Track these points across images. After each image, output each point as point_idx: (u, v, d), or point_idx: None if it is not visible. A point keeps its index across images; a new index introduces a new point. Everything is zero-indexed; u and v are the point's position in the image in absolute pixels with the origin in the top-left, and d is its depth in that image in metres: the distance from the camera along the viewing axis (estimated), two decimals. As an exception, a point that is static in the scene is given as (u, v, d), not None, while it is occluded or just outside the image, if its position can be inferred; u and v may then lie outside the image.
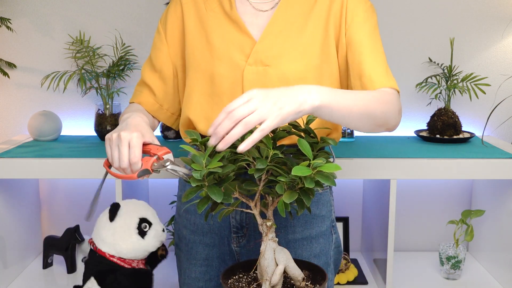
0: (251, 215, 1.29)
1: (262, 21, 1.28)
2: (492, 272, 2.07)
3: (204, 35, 1.29)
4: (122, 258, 1.37)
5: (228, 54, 1.25)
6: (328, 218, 1.35)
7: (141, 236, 1.37)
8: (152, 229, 1.39)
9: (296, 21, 1.26)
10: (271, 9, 1.28)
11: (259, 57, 1.24)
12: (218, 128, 0.99)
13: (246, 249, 1.32)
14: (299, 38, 1.25)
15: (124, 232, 1.36)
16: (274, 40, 1.25)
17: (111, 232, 1.37)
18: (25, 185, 2.09)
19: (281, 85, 1.22)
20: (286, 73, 1.23)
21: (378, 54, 1.25)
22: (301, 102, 1.01)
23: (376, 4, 2.18)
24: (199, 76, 1.28)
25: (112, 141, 1.09)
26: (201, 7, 1.31)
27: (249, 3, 1.29)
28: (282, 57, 1.24)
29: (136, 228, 1.37)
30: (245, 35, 1.26)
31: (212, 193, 1.01)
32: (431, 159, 1.83)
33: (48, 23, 2.17)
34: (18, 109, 2.23)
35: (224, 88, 1.26)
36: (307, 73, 1.24)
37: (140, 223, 1.38)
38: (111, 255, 1.37)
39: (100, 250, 1.38)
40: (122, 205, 1.40)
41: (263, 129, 0.98)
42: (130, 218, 1.38)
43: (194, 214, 1.35)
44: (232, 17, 1.27)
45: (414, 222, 2.30)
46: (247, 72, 1.24)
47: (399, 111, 1.20)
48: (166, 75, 1.35)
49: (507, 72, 2.23)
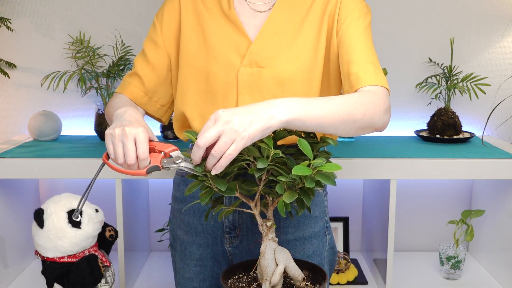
0: (244, 215, 1.29)
1: (259, 21, 1.28)
2: (492, 272, 2.07)
3: (201, 32, 1.29)
4: (71, 255, 1.37)
5: (224, 54, 1.26)
6: (321, 219, 1.35)
7: (77, 227, 1.36)
8: (84, 215, 1.38)
9: (291, 23, 1.27)
10: (268, 10, 1.29)
11: (254, 58, 1.24)
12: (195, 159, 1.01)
13: (239, 250, 1.32)
14: (294, 40, 1.26)
15: (58, 231, 1.35)
16: (269, 41, 1.25)
17: (47, 237, 1.36)
18: (25, 185, 2.09)
19: (275, 86, 1.24)
20: (280, 75, 1.23)
21: (367, 52, 1.23)
22: (267, 119, 1.01)
23: (376, 4, 2.18)
24: (194, 72, 1.28)
25: (115, 136, 1.04)
26: (199, 4, 1.31)
27: (246, 3, 1.30)
28: (277, 58, 1.24)
29: (68, 223, 1.36)
30: (241, 35, 1.26)
31: (216, 183, 1.01)
32: (431, 159, 1.83)
33: (48, 23, 2.17)
34: (18, 109, 2.22)
35: (218, 88, 1.26)
36: (300, 74, 1.24)
37: (70, 216, 1.36)
38: (59, 257, 1.37)
39: (48, 257, 1.37)
40: (45, 207, 1.38)
41: (230, 154, 0.98)
42: (57, 216, 1.37)
43: (188, 215, 1.35)
44: (229, 17, 1.28)
45: (414, 222, 2.30)
46: (242, 73, 1.24)
47: (385, 110, 1.16)
48: (159, 68, 1.34)
49: (507, 72, 2.23)
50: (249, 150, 1.04)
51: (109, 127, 1.08)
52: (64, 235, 1.35)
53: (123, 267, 1.86)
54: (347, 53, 1.23)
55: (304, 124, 1.05)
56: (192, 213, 1.34)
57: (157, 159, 1.03)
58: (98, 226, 1.40)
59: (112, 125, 1.09)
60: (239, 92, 1.24)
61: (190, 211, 1.34)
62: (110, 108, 1.27)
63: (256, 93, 1.24)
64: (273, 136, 1.11)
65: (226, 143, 0.98)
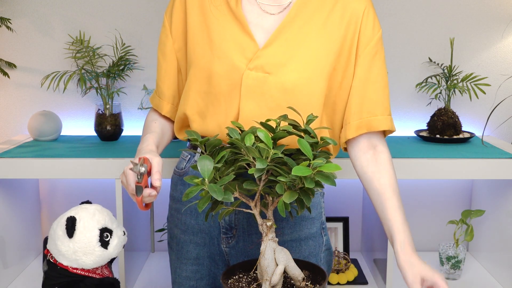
0: (240, 216, 1.29)
1: (267, 24, 1.25)
2: (492, 272, 2.07)
3: (206, 31, 1.27)
4: (86, 269, 1.34)
5: (228, 54, 1.23)
6: (318, 220, 1.34)
7: (104, 247, 1.32)
8: (114, 236, 1.34)
9: (305, 32, 1.24)
10: (278, 13, 1.26)
11: (261, 63, 1.22)
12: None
13: (235, 250, 1.32)
14: (305, 50, 1.23)
15: (87, 248, 1.30)
16: (279, 48, 1.23)
17: (72, 249, 1.31)
18: (25, 185, 2.09)
19: (278, 94, 1.22)
20: (285, 83, 1.21)
21: (383, 91, 1.29)
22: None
23: (376, 4, 2.18)
24: (197, 72, 1.26)
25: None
26: (205, 1, 1.28)
27: (256, 3, 1.27)
28: (284, 66, 1.22)
29: (98, 242, 1.31)
30: (247, 36, 1.24)
31: (212, 191, 1.01)
32: (431, 159, 1.83)
33: (48, 23, 2.17)
34: (18, 109, 2.23)
35: (221, 89, 1.24)
36: (305, 85, 1.22)
37: (101, 233, 1.32)
38: (74, 267, 1.34)
39: (61, 263, 1.33)
40: (78, 217, 1.32)
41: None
42: (90, 232, 1.31)
43: (185, 214, 1.34)
44: (236, 15, 1.25)
45: (414, 222, 2.30)
46: (247, 76, 1.22)
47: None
48: (170, 69, 1.34)
49: (507, 72, 2.23)
50: (249, 150, 1.04)
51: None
52: (91, 253, 1.31)
53: (123, 267, 1.86)
54: (361, 89, 1.27)
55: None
56: (189, 212, 1.33)
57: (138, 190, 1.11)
58: (121, 249, 1.38)
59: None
60: (242, 96, 1.22)
61: (187, 211, 1.34)
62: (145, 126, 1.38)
63: (259, 99, 1.22)
64: (273, 136, 1.11)
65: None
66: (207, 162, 1.03)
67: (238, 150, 1.07)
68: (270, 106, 1.22)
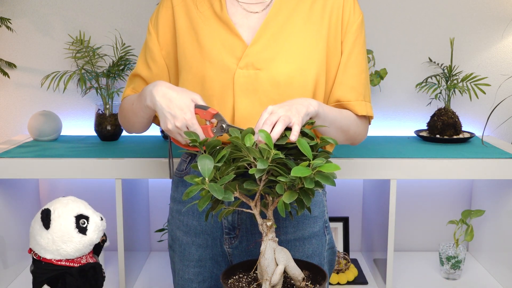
0: (243, 216, 1.29)
1: (252, 22, 1.28)
2: (492, 272, 2.07)
3: (194, 36, 1.29)
4: (70, 259, 1.36)
5: (219, 57, 1.26)
6: (320, 218, 1.35)
7: (82, 233, 1.36)
8: (91, 222, 1.37)
9: (289, 25, 1.27)
10: (262, 11, 1.29)
11: (251, 60, 1.24)
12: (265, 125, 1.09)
13: (238, 250, 1.32)
14: (292, 42, 1.26)
15: (64, 235, 1.34)
16: (266, 43, 1.25)
17: (51, 239, 1.34)
18: (25, 185, 2.09)
19: (271, 88, 1.24)
20: (276, 77, 1.24)
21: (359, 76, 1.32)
22: (307, 106, 1.16)
23: (376, 4, 2.18)
24: (190, 77, 1.29)
25: (173, 132, 1.18)
26: (191, 7, 1.31)
27: (239, 4, 1.30)
28: (273, 60, 1.25)
29: (75, 228, 1.35)
30: (235, 37, 1.26)
31: (213, 190, 1.01)
32: (431, 159, 1.83)
33: (48, 23, 2.18)
34: (18, 109, 2.23)
35: (214, 91, 1.26)
36: (297, 77, 1.25)
37: (77, 221, 1.36)
38: (58, 260, 1.36)
39: (45, 258, 1.36)
40: (52, 208, 1.37)
41: (297, 122, 1.10)
42: (65, 220, 1.36)
43: (187, 215, 1.35)
44: (222, 18, 1.28)
45: (414, 222, 2.30)
46: (238, 75, 1.24)
47: (365, 135, 1.39)
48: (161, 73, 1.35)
49: (507, 72, 2.23)
50: (250, 150, 1.04)
51: (160, 116, 1.18)
52: (70, 240, 1.35)
53: (123, 267, 1.86)
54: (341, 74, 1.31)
55: (323, 119, 1.21)
56: (191, 214, 1.33)
57: (208, 131, 1.18)
58: (101, 235, 1.40)
59: (159, 112, 1.18)
60: (236, 95, 1.25)
61: (189, 212, 1.34)
62: (125, 104, 1.34)
63: (252, 96, 1.25)
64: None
65: (286, 121, 1.09)
66: (208, 162, 1.03)
67: (238, 150, 1.08)
68: (264, 101, 1.24)
